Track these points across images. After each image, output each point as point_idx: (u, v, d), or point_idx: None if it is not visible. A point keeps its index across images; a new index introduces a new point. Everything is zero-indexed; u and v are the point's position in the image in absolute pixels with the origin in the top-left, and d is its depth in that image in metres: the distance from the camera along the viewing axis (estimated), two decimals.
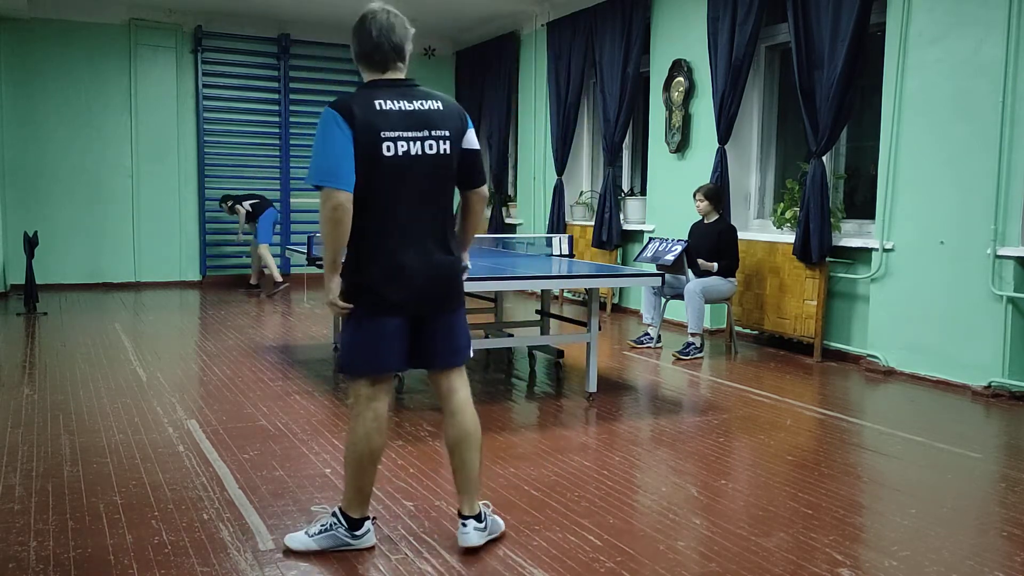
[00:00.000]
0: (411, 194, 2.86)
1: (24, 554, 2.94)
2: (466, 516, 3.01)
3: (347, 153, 2.76)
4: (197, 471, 3.83)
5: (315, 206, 11.04)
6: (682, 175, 8.10)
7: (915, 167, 5.97)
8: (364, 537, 3.00)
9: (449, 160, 2.90)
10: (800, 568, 2.91)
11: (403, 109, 2.83)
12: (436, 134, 2.86)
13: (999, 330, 5.42)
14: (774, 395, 5.50)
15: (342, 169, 2.76)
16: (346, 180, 2.77)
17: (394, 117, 2.81)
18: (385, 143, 2.78)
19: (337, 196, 2.77)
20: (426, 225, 2.91)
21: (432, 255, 2.90)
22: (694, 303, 6.66)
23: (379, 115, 2.79)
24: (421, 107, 2.86)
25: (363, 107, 2.79)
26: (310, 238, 6.12)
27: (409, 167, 2.83)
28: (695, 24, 7.91)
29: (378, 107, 2.80)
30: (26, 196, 10.47)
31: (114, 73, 10.84)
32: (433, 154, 2.86)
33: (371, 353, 2.91)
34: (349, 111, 2.77)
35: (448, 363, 3.03)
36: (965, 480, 3.97)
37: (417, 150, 2.83)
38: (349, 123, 2.76)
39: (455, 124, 2.92)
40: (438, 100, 2.93)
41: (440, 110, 2.90)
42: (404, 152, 2.81)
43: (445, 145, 2.88)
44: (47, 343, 7.02)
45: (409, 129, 2.82)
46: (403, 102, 2.84)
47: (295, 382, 5.65)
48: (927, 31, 5.86)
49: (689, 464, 4.10)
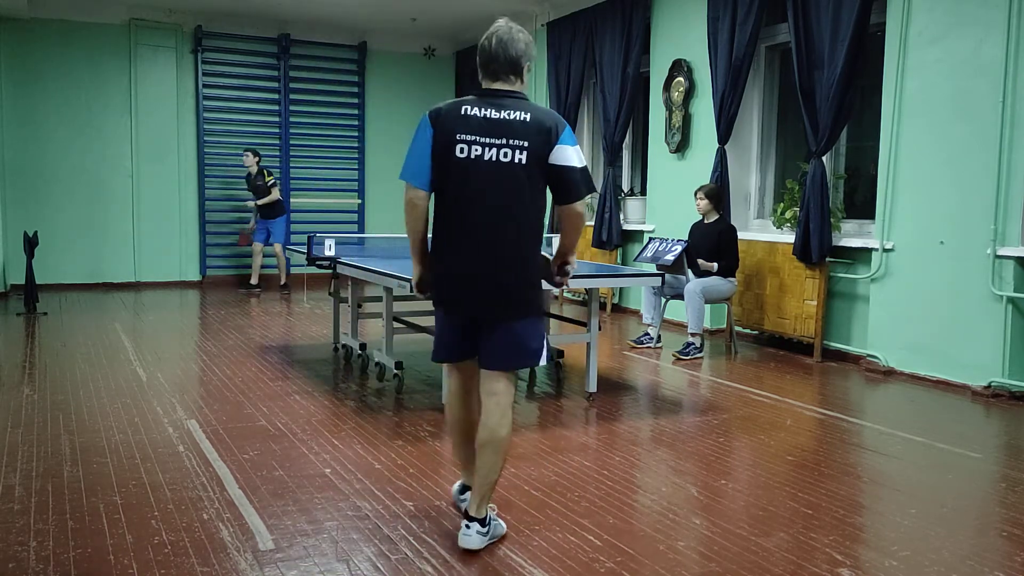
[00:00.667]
0: (478, 197, 2.94)
1: (24, 554, 2.95)
2: (471, 518, 3.02)
3: (425, 153, 2.94)
4: (197, 471, 3.83)
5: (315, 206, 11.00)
6: (682, 175, 8.10)
7: (915, 167, 5.97)
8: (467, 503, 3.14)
9: (522, 170, 2.92)
10: (800, 568, 2.91)
11: (487, 116, 2.92)
12: (513, 143, 2.91)
13: (999, 330, 5.42)
14: (774, 395, 5.50)
15: (418, 167, 2.95)
16: (420, 178, 2.96)
17: (474, 122, 2.91)
18: (459, 145, 2.91)
19: (410, 192, 2.99)
20: (492, 231, 2.95)
21: (492, 262, 2.96)
22: (694, 303, 6.66)
23: (460, 119, 2.92)
24: (506, 116, 2.92)
25: (449, 110, 2.96)
26: (310, 238, 6.13)
27: (477, 171, 2.92)
28: (695, 24, 7.91)
29: (463, 111, 2.94)
30: (26, 196, 10.47)
31: (114, 73, 10.84)
32: (507, 162, 2.91)
33: (437, 341, 3.18)
34: (437, 113, 2.97)
35: (494, 366, 3.06)
36: (965, 480, 3.97)
37: (491, 155, 2.90)
38: (433, 124, 2.94)
39: (538, 138, 2.92)
40: (528, 112, 2.95)
41: (525, 121, 2.93)
42: (477, 156, 2.90)
43: (521, 155, 2.91)
44: (47, 343, 7.02)
45: (486, 135, 2.91)
46: (490, 110, 2.94)
47: (295, 382, 5.65)
48: (927, 31, 5.86)
49: (689, 464, 4.10)
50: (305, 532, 3.16)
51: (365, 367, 5.99)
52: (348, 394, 5.38)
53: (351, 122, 12.30)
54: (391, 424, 4.67)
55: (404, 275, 4.59)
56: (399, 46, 12.47)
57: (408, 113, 12.56)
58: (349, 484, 3.69)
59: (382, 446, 4.24)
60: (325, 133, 12.18)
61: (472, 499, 3.06)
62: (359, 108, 12.29)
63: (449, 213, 2.98)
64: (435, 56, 12.74)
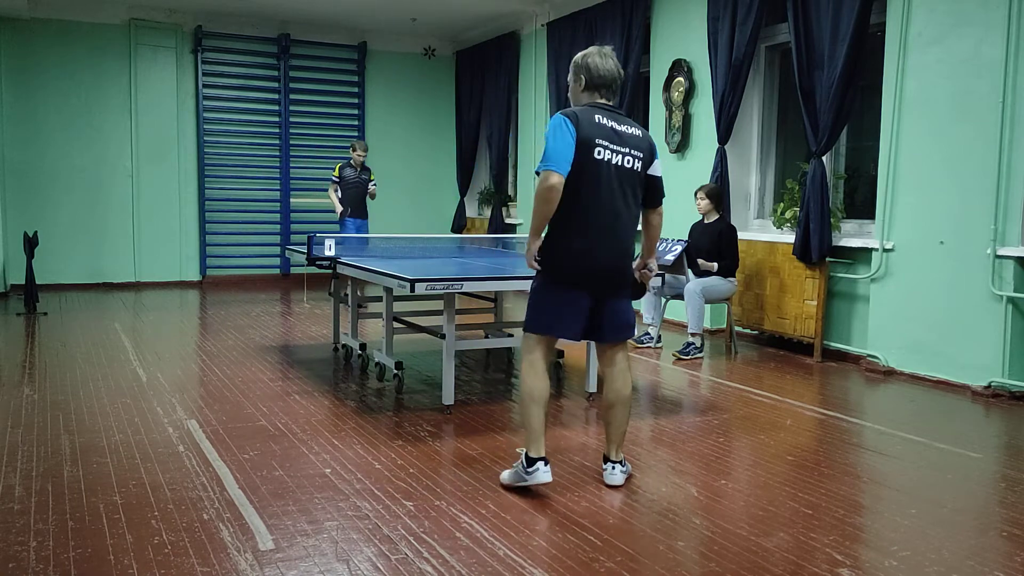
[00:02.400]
0: (608, 193, 3.50)
1: (24, 554, 2.94)
2: (613, 461, 3.72)
3: (569, 146, 3.41)
4: (197, 471, 3.83)
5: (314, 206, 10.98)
6: (682, 175, 8.10)
7: (915, 167, 5.97)
8: (535, 475, 3.55)
9: (639, 175, 3.58)
10: (800, 568, 2.91)
11: (614, 128, 3.53)
12: (634, 153, 3.55)
13: (999, 330, 5.42)
14: (774, 395, 5.50)
15: (563, 157, 3.40)
16: (563, 166, 3.40)
17: (607, 131, 3.50)
18: (597, 148, 3.46)
19: (553, 177, 3.40)
20: (614, 220, 3.52)
21: (615, 245, 3.55)
22: (694, 303, 6.66)
23: (597, 126, 3.48)
24: (627, 130, 3.56)
25: (586, 117, 3.48)
26: (310, 238, 6.13)
27: (610, 171, 3.49)
28: (695, 24, 7.91)
29: (597, 120, 3.49)
30: (26, 196, 10.48)
31: (114, 73, 10.84)
32: (628, 167, 3.54)
33: (550, 317, 3.58)
34: (576, 117, 3.46)
35: (615, 339, 3.69)
36: (965, 480, 3.97)
37: (618, 160, 3.51)
38: (575, 125, 3.43)
39: (647, 151, 3.61)
40: (638, 128, 3.63)
41: (639, 136, 3.60)
42: (609, 160, 3.48)
43: (638, 164, 3.57)
44: (47, 343, 7.02)
45: (615, 143, 3.50)
46: (614, 123, 3.54)
47: (295, 382, 5.65)
48: (927, 31, 5.86)
49: (689, 464, 4.10)
50: (305, 532, 3.16)
51: (365, 367, 5.99)
52: (348, 394, 5.38)
53: (351, 122, 12.30)
54: (391, 424, 4.67)
55: (404, 275, 4.60)
56: (399, 46, 12.47)
57: (408, 113, 12.60)
58: (349, 484, 3.69)
59: (382, 446, 4.24)
60: (325, 133, 12.18)
61: (611, 447, 3.71)
62: (359, 108, 12.30)
63: (582, 205, 3.47)
64: (435, 56, 12.74)
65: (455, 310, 4.87)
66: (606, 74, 3.57)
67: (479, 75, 12.05)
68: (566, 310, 3.55)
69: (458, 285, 4.60)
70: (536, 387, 3.58)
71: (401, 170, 12.49)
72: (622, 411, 3.71)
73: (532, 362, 3.61)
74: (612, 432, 3.71)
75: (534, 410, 3.57)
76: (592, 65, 3.58)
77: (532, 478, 3.56)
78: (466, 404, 5.15)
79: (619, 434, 3.71)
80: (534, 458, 3.57)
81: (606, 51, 3.63)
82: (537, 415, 3.57)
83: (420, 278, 4.50)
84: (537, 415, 3.57)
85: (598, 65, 3.57)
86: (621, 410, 3.70)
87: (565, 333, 3.61)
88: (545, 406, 3.59)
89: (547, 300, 3.58)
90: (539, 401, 3.57)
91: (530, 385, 3.59)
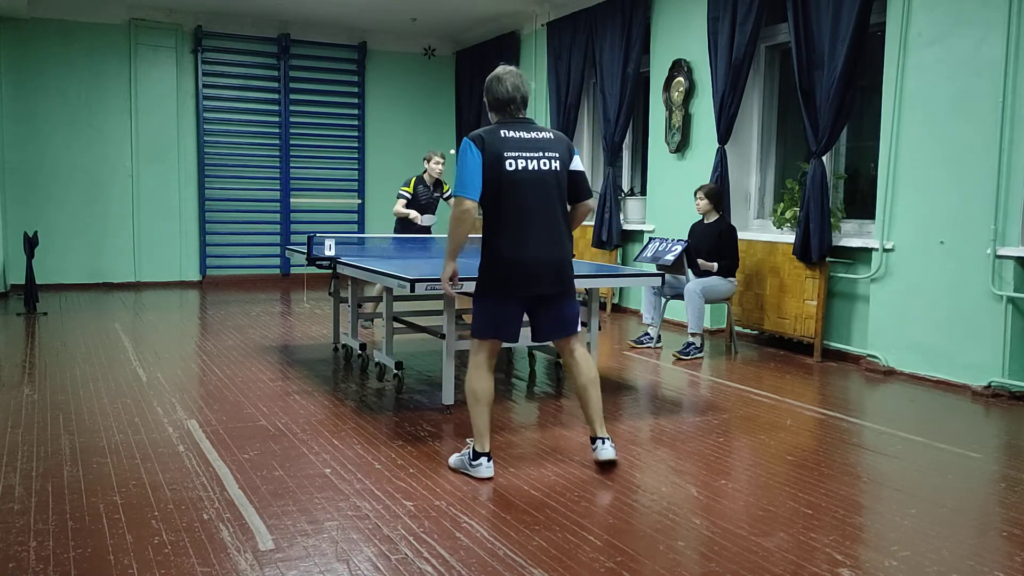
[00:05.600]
0: (527, 197, 3.69)
1: (24, 554, 2.95)
2: (600, 437, 3.93)
3: (476, 171, 3.65)
4: (197, 471, 3.83)
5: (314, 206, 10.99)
6: (682, 175, 8.10)
7: (915, 167, 5.97)
8: (478, 468, 3.76)
9: (558, 176, 3.77)
10: (800, 568, 2.91)
11: (523, 137, 3.74)
12: (548, 155, 3.75)
13: (999, 330, 5.42)
14: (774, 395, 5.50)
15: (472, 183, 3.65)
16: (472, 191, 3.65)
17: (515, 142, 3.71)
18: (507, 160, 3.67)
19: (465, 202, 3.66)
20: (540, 220, 3.72)
21: (547, 247, 3.74)
22: (694, 303, 6.66)
23: (503, 140, 3.70)
24: (536, 136, 3.76)
25: (491, 136, 3.70)
26: (310, 238, 6.12)
27: (525, 177, 3.69)
28: (695, 24, 7.91)
29: (503, 135, 3.71)
30: (26, 196, 10.48)
31: (114, 73, 10.84)
32: (546, 168, 3.73)
33: (492, 324, 3.78)
34: (480, 139, 3.68)
35: (559, 336, 3.92)
36: (965, 480, 3.97)
37: (533, 165, 3.71)
38: (480, 148, 3.66)
39: (563, 150, 3.81)
40: (550, 132, 3.84)
41: (551, 139, 3.81)
42: (524, 167, 3.69)
43: (555, 164, 3.76)
44: (47, 343, 7.02)
45: (526, 150, 3.71)
46: (523, 132, 3.75)
47: (295, 382, 5.65)
48: (927, 31, 5.86)
49: (689, 464, 4.10)
50: (305, 532, 3.17)
51: (365, 367, 5.99)
52: (348, 394, 5.38)
53: (351, 122, 12.30)
54: (391, 424, 4.67)
55: (404, 275, 4.60)
56: (399, 46, 12.47)
57: (408, 113, 12.59)
58: (349, 484, 3.69)
59: (382, 446, 4.24)
60: (325, 133, 12.18)
61: (596, 424, 3.94)
62: (359, 108, 12.30)
63: (506, 213, 3.68)
64: (435, 56, 12.74)
65: (455, 310, 4.87)
66: (503, 94, 3.79)
67: (479, 75, 12.03)
68: (504, 317, 3.78)
69: (458, 285, 4.59)
70: (480, 388, 3.80)
71: (401, 170, 12.39)
72: (594, 391, 3.96)
73: (477, 364, 3.82)
74: (592, 412, 3.97)
75: (479, 409, 3.79)
76: (489, 88, 3.83)
77: (475, 471, 3.77)
78: (466, 404, 5.14)
79: (598, 412, 3.97)
80: (479, 452, 3.79)
81: (505, 72, 3.83)
82: (482, 414, 3.79)
83: (420, 278, 4.50)
84: (482, 414, 3.79)
85: (494, 88, 3.81)
86: (593, 391, 3.96)
87: (505, 338, 3.83)
88: (489, 405, 3.81)
89: (487, 308, 3.80)
90: (483, 401, 3.79)
91: (474, 387, 3.81)
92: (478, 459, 3.79)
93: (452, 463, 3.90)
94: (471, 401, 3.82)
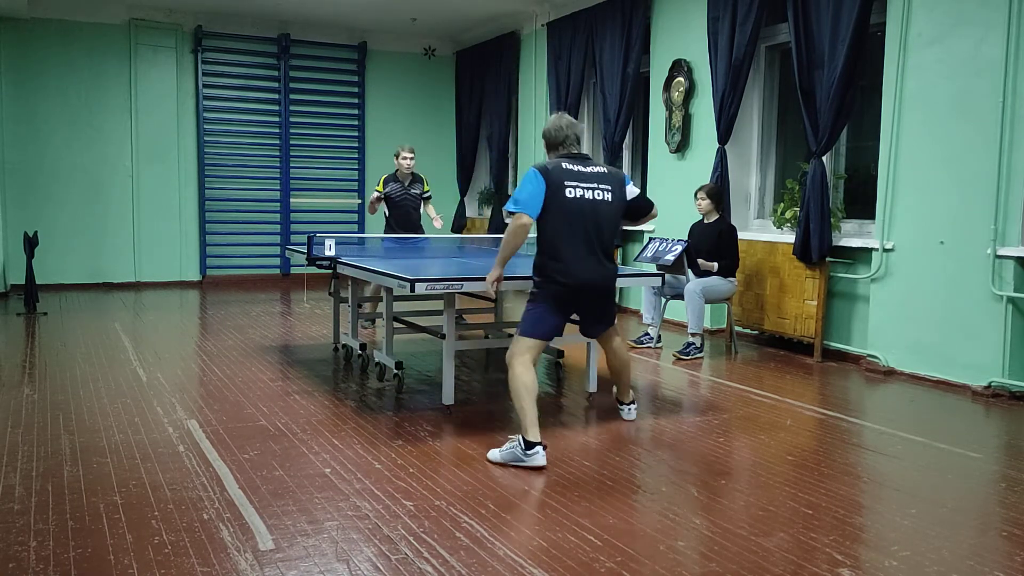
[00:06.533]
0: (583, 222, 4.17)
1: (24, 554, 2.95)
2: (626, 402, 4.81)
3: (537, 195, 4.13)
4: (197, 471, 3.83)
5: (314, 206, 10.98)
6: (682, 175, 8.10)
7: (915, 167, 5.97)
8: (535, 457, 3.92)
9: (611, 205, 4.28)
10: (800, 568, 2.91)
11: (581, 170, 4.24)
12: (602, 187, 4.26)
13: (999, 330, 5.42)
14: (774, 395, 5.50)
15: (534, 203, 4.13)
16: (533, 210, 4.13)
17: (574, 173, 4.21)
18: (567, 188, 4.16)
19: (524, 218, 4.13)
20: (592, 245, 4.21)
21: (598, 267, 4.25)
22: (694, 303, 6.66)
23: (564, 171, 4.20)
24: (592, 170, 4.27)
25: (555, 167, 4.21)
26: (310, 238, 6.12)
27: (582, 204, 4.18)
28: (695, 24, 7.91)
29: (564, 167, 4.22)
30: (26, 196, 10.48)
31: (114, 73, 10.84)
32: (600, 199, 4.23)
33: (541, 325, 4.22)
34: (546, 169, 4.17)
35: (599, 332, 4.61)
36: (965, 480, 3.97)
37: (589, 195, 4.20)
38: (544, 176, 4.14)
39: (616, 183, 4.33)
40: (604, 167, 4.36)
41: (604, 172, 4.32)
42: (581, 195, 4.18)
43: (608, 195, 4.26)
44: (47, 343, 7.02)
45: (583, 181, 4.21)
46: (580, 166, 4.26)
47: (295, 382, 5.65)
48: (927, 31, 5.86)
49: (689, 464, 4.10)
50: (305, 532, 3.16)
51: (365, 367, 5.99)
52: (348, 394, 5.38)
53: (351, 122, 12.30)
54: (391, 424, 4.67)
55: (404, 275, 4.59)
56: (399, 46, 12.47)
57: (408, 113, 12.59)
58: (349, 484, 3.69)
59: (382, 446, 4.24)
60: (325, 133, 12.19)
61: (623, 392, 4.80)
62: (359, 108, 12.30)
63: (564, 235, 4.16)
64: (435, 56, 12.74)
65: (455, 310, 4.87)
66: (557, 134, 4.34)
67: (479, 75, 12.05)
68: (554, 322, 4.27)
69: (458, 285, 4.60)
70: (530, 381, 4.12)
71: None
72: (629, 369, 4.79)
73: (524, 362, 4.16)
74: (623, 383, 4.77)
75: (529, 401, 4.07)
76: (547, 133, 4.38)
77: (531, 460, 3.92)
78: (466, 404, 5.15)
79: (629, 382, 4.79)
80: (533, 442, 3.94)
81: (560, 115, 4.41)
82: (532, 405, 4.06)
83: (420, 278, 4.50)
84: (532, 405, 4.06)
85: (550, 131, 4.36)
86: (626, 369, 4.75)
87: (551, 337, 4.33)
88: (535, 396, 4.12)
89: (540, 312, 4.24)
90: (532, 392, 4.10)
91: (525, 380, 4.11)
92: (533, 448, 3.92)
93: (498, 458, 4.00)
94: (522, 394, 4.07)
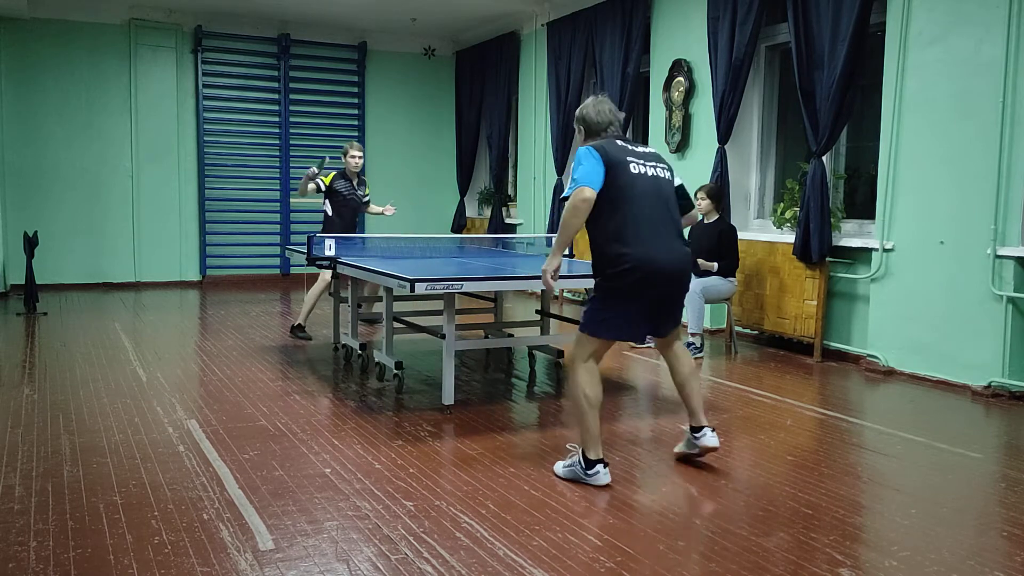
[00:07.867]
0: (651, 200, 3.72)
1: (24, 554, 2.94)
2: (703, 426, 3.96)
3: (597, 170, 3.63)
4: (197, 471, 3.83)
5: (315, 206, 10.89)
6: (682, 175, 7.98)
7: (915, 167, 5.97)
8: (596, 477, 3.66)
9: (671, 184, 3.90)
10: (800, 568, 2.91)
11: (635, 149, 3.83)
12: (661, 166, 3.86)
13: (999, 330, 5.42)
14: (774, 395, 5.50)
15: (594, 177, 3.61)
16: (595, 183, 3.60)
17: (631, 151, 3.79)
18: (631, 164, 3.72)
19: (586, 191, 3.57)
20: (663, 225, 3.74)
21: (676, 248, 3.76)
22: (694, 303, 6.65)
23: (622, 149, 3.76)
24: (644, 150, 3.86)
25: (609, 144, 3.76)
26: (310, 238, 6.12)
27: (646, 182, 3.74)
28: (695, 24, 7.91)
29: (620, 145, 3.79)
30: (26, 196, 10.47)
31: (114, 73, 10.84)
32: (662, 176, 3.83)
33: (616, 324, 3.70)
34: (600, 146, 3.72)
35: (670, 332, 3.94)
36: (965, 480, 3.97)
37: (652, 172, 3.78)
38: (600, 153, 3.67)
39: (668, 165, 3.93)
40: (652, 149, 3.97)
41: (657, 153, 3.95)
42: (644, 172, 3.75)
43: (667, 174, 3.88)
44: (47, 343, 7.02)
45: (643, 160, 3.79)
46: (631, 146, 3.84)
47: (295, 382, 5.65)
48: (927, 31, 5.86)
49: (689, 464, 4.09)
50: (305, 532, 3.16)
51: (365, 367, 5.99)
52: (348, 394, 5.38)
53: (351, 122, 12.30)
54: (391, 424, 4.67)
55: (404, 275, 4.59)
56: (399, 46, 12.47)
57: (408, 113, 12.59)
58: (349, 484, 3.69)
59: (382, 446, 4.24)
60: (325, 133, 12.18)
61: (698, 413, 3.96)
62: (359, 108, 12.30)
63: (631, 216, 3.65)
64: (435, 56, 12.74)
65: (455, 310, 4.87)
66: (602, 119, 3.88)
67: (479, 75, 12.05)
68: (631, 319, 3.70)
69: (458, 285, 4.60)
70: (594, 392, 3.68)
71: (401, 170, 12.50)
72: (694, 382, 4.02)
73: (589, 368, 3.71)
74: (694, 403, 3.98)
75: (592, 415, 3.66)
76: (587, 116, 3.90)
77: (593, 479, 3.67)
78: (466, 404, 5.15)
79: (700, 401, 3.99)
80: (593, 460, 3.67)
81: (601, 99, 3.96)
82: (595, 419, 3.67)
83: (420, 278, 4.50)
84: (595, 419, 3.67)
85: (591, 116, 3.89)
86: (694, 382, 4.01)
87: (627, 338, 3.87)
88: (599, 408, 3.70)
89: (612, 308, 3.69)
90: (596, 405, 3.67)
91: (588, 392, 3.67)
92: (593, 467, 3.67)
93: (561, 473, 3.78)
94: (584, 406, 3.67)
